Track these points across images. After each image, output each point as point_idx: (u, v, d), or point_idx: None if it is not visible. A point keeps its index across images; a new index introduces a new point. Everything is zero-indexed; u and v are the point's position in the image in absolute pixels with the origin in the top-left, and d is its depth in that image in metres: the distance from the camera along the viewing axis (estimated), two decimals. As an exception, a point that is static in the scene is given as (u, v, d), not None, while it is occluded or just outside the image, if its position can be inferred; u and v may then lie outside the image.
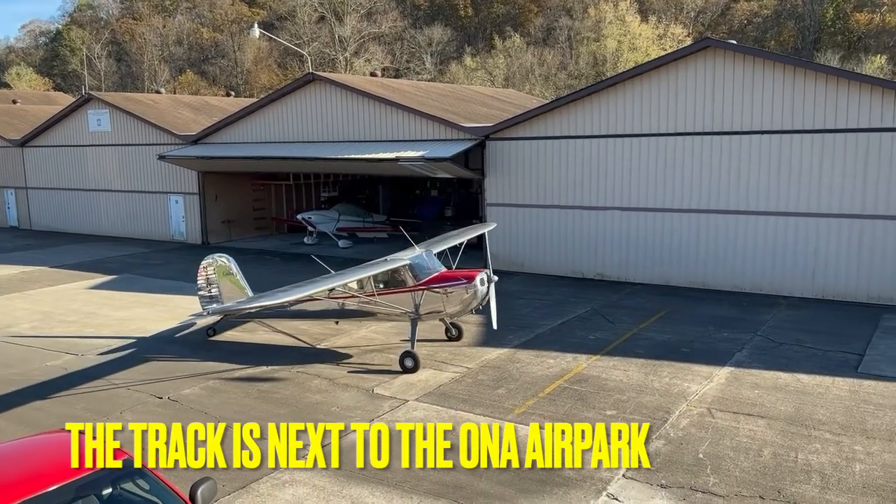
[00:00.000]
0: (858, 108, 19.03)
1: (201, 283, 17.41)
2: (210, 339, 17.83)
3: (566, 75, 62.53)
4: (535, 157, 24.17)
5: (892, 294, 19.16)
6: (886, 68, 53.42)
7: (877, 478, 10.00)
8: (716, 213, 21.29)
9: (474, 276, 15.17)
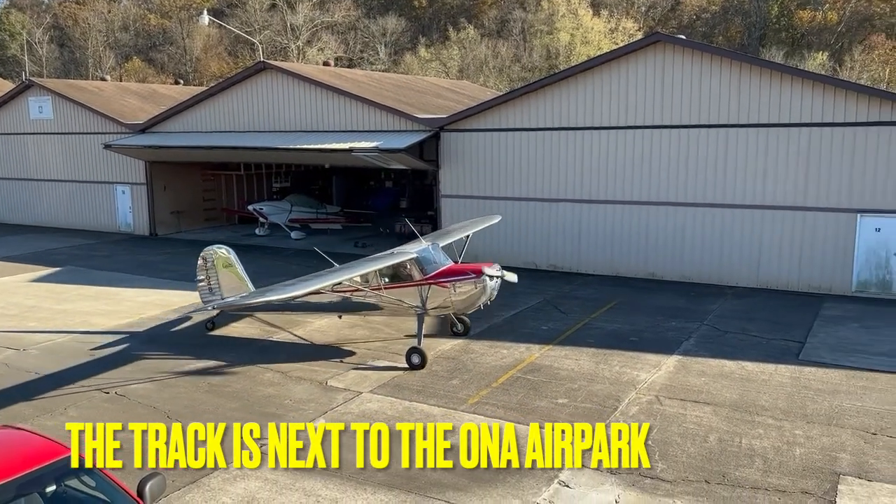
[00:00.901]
0: (801, 104, 19.61)
1: (201, 276, 17.00)
2: (209, 332, 17.36)
3: (520, 68, 62.85)
4: (489, 149, 24.27)
5: (831, 283, 19.85)
6: (828, 65, 55.10)
7: (816, 461, 10.38)
8: (665, 206, 21.72)
9: (482, 270, 14.71)
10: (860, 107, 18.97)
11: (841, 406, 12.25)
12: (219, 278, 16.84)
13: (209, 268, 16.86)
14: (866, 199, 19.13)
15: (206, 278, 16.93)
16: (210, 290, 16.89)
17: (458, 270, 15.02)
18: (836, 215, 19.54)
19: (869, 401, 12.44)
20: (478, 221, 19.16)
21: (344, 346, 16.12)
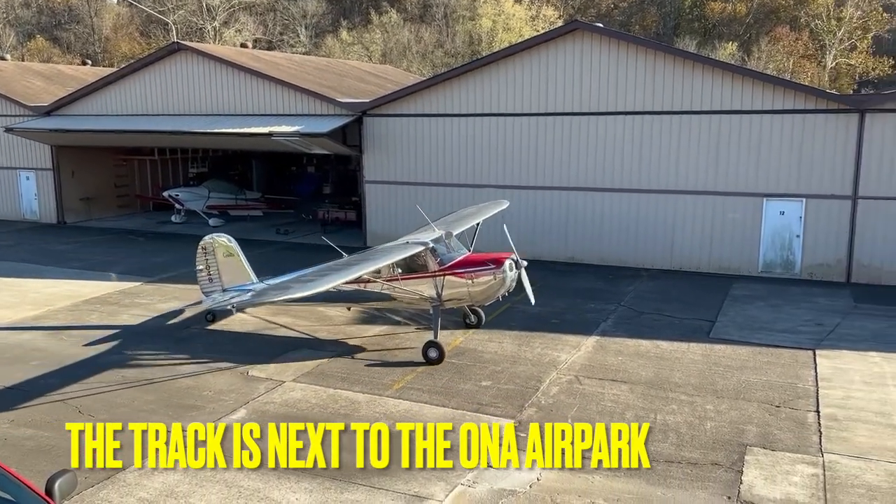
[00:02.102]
0: (712, 92, 20.37)
1: (200, 266, 16.25)
2: (209, 325, 16.62)
3: (443, 53, 62.80)
4: (413, 134, 24.21)
5: (739, 265, 20.80)
6: (737, 55, 57.36)
7: (725, 433, 10.90)
8: (585, 191, 22.21)
9: (503, 261, 14.00)
10: (766, 95, 19.87)
11: (748, 381, 12.89)
12: (219, 267, 16.13)
13: (209, 257, 16.16)
14: (771, 183, 20.09)
15: (205, 267, 16.20)
16: (210, 280, 16.20)
17: (477, 261, 14.27)
18: (743, 199, 20.45)
19: (773, 375, 13.14)
20: (484, 208, 18.13)
21: (267, 334, 15.83)
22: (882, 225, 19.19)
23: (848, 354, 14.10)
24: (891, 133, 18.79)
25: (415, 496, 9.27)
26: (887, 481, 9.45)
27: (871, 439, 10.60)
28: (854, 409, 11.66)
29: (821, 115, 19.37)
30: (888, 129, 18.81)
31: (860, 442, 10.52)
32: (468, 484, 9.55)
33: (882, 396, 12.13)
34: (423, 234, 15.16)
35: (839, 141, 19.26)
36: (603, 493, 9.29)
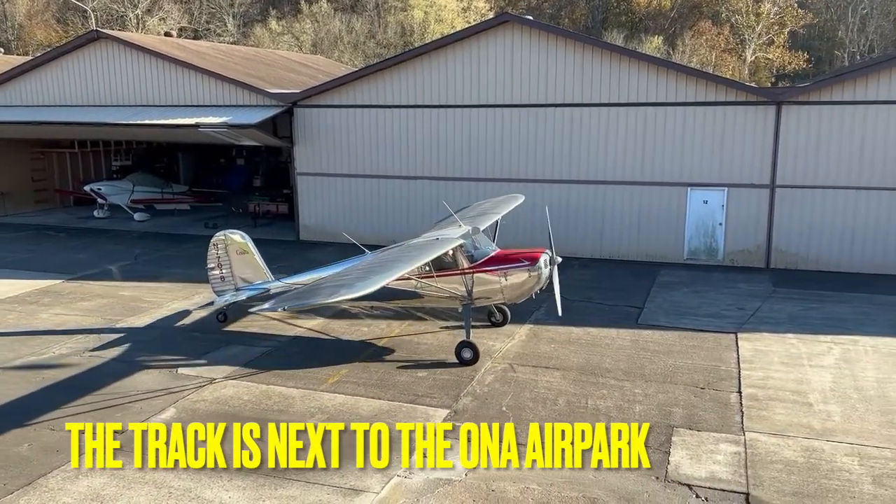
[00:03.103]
0: (638, 84, 20.88)
1: (212, 264, 15.59)
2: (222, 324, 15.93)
3: (375, 44, 62.31)
4: (346, 126, 23.98)
5: (665, 253, 21.44)
6: (662, 48, 58.96)
7: (653, 416, 11.25)
8: (518, 182, 22.43)
9: (538, 257, 13.52)
10: (689, 88, 20.49)
11: (674, 365, 13.32)
12: (231, 266, 15.55)
13: (221, 254, 15.56)
14: (695, 173, 20.77)
15: (217, 266, 15.61)
16: (222, 279, 15.62)
17: (510, 257, 13.77)
18: (669, 189, 21.08)
19: (698, 358, 13.62)
20: (501, 203, 17.46)
21: (198, 333, 15.46)
22: (798, 212, 20.09)
23: (767, 337, 14.74)
24: (805, 124, 19.68)
25: (351, 489, 9.24)
26: (803, 456, 9.94)
27: (788, 417, 11.12)
28: (773, 388, 12.21)
29: (741, 107, 20.12)
30: (802, 121, 19.68)
31: (778, 420, 11.03)
32: (404, 475, 9.57)
33: (798, 376, 12.74)
34: (447, 229, 14.58)
35: (758, 132, 20.05)
36: (537, 478, 9.47)
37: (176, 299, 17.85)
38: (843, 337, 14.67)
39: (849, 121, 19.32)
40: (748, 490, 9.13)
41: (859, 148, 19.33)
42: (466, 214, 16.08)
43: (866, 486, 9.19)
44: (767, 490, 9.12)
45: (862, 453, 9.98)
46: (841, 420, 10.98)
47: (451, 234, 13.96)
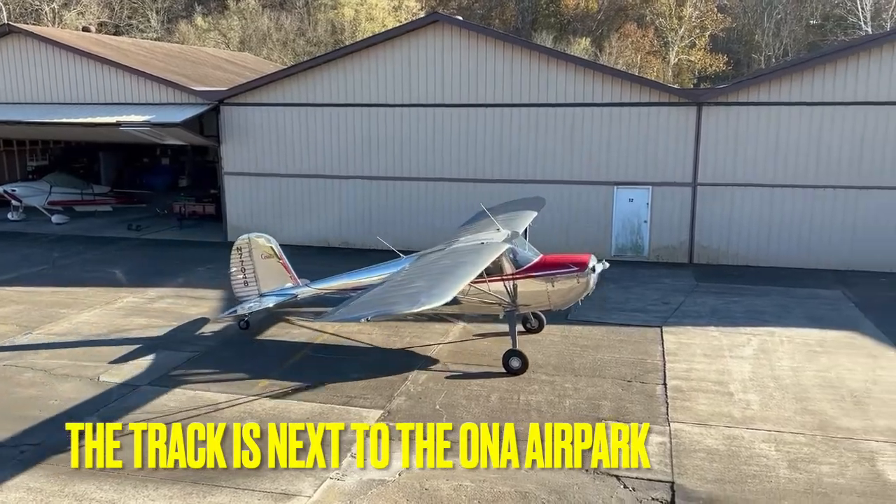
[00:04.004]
0: (566, 85, 21.27)
1: (234, 269, 14.88)
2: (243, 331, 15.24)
3: (305, 42, 61.45)
4: (275, 124, 23.58)
5: (594, 250, 21.73)
6: (590, 50, 60.22)
7: (582, 409, 11.49)
8: (449, 182, 22.56)
9: (587, 262, 13.00)
10: (615, 89, 21.00)
11: (603, 359, 13.64)
12: (255, 270, 14.90)
13: (244, 258, 14.90)
14: (621, 172, 21.30)
15: (240, 270, 14.96)
16: (245, 284, 14.99)
17: (558, 262, 13.28)
18: (596, 188, 21.55)
19: (625, 352, 13.99)
20: (523, 204, 16.94)
21: (119, 336, 14.93)
22: (718, 210, 20.86)
23: (691, 330, 15.25)
24: (724, 124, 20.44)
25: (282, 494, 9.10)
26: (724, 444, 10.34)
27: (710, 407, 11.54)
28: (696, 379, 12.64)
29: (664, 107, 20.75)
30: (721, 121, 20.44)
31: (701, 410, 11.44)
32: (337, 477, 9.49)
33: (720, 367, 13.23)
34: (484, 233, 14.15)
35: (680, 132, 20.72)
36: (469, 475, 9.53)
37: (97, 305, 17.20)
38: (761, 329, 15.31)
39: (764, 121, 20.17)
40: (673, 479, 9.43)
41: (774, 147, 20.21)
42: (505, 217, 15.42)
43: (782, 470, 9.62)
44: (691, 478, 9.45)
45: (778, 439, 10.44)
46: (759, 408, 11.47)
47: (495, 237, 13.56)
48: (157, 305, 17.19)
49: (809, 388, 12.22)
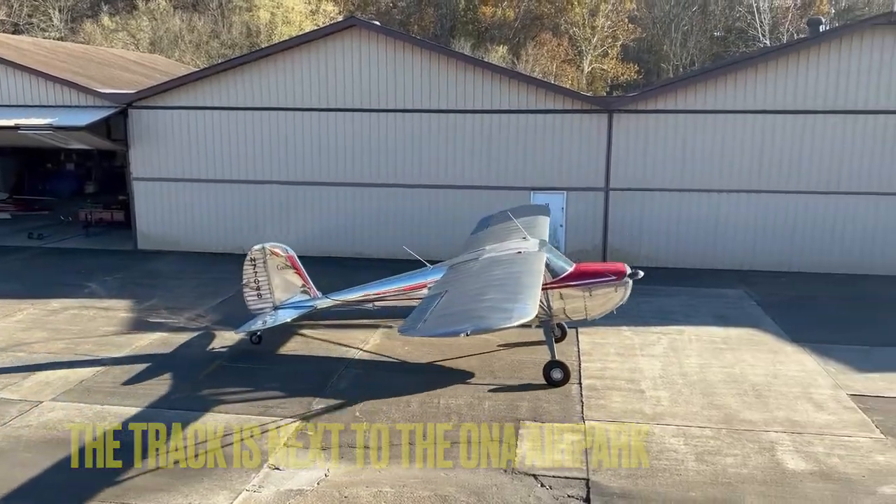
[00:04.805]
0: (483, 92, 21.56)
1: (248, 279, 14.06)
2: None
3: (219, 44, 59.92)
4: (188, 128, 22.90)
5: (513, 253, 22.25)
6: (508, 57, 61.21)
7: (501, 411, 11.65)
8: (368, 187, 22.47)
9: (624, 271, 12.78)
10: (530, 96, 21.43)
11: (521, 360, 13.86)
12: (270, 282, 14.14)
13: (258, 269, 14.12)
14: (537, 177, 21.74)
15: (253, 281, 14.18)
16: (258, 296, 14.21)
17: (595, 271, 13.06)
18: (513, 193, 21.89)
19: (542, 353, 14.19)
20: (532, 211, 16.59)
21: (19, 352, 14.15)
22: (629, 213, 21.57)
23: (604, 330, 15.68)
24: (634, 131, 21.17)
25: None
26: (636, 439, 10.69)
27: (623, 404, 11.91)
28: (610, 378, 13.03)
29: (577, 114, 21.31)
30: (631, 128, 21.17)
31: (615, 407, 11.79)
32: (254, 489, 9.29)
33: (632, 366, 13.68)
34: (511, 241, 13.81)
35: (593, 138, 21.33)
36: (390, 480, 9.51)
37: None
38: (671, 328, 15.92)
39: (672, 128, 21.01)
40: (588, 476, 9.68)
41: (681, 153, 21.08)
42: (531, 224, 15.18)
43: (690, 463, 10.03)
44: (605, 474, 9.72)
45: (687, 433, 10.88)
46: (669, 404, 11.92)
47: (526, 246, 13.32)
48: (60, 317, 16.39)
49: (715, 383, 12.79)
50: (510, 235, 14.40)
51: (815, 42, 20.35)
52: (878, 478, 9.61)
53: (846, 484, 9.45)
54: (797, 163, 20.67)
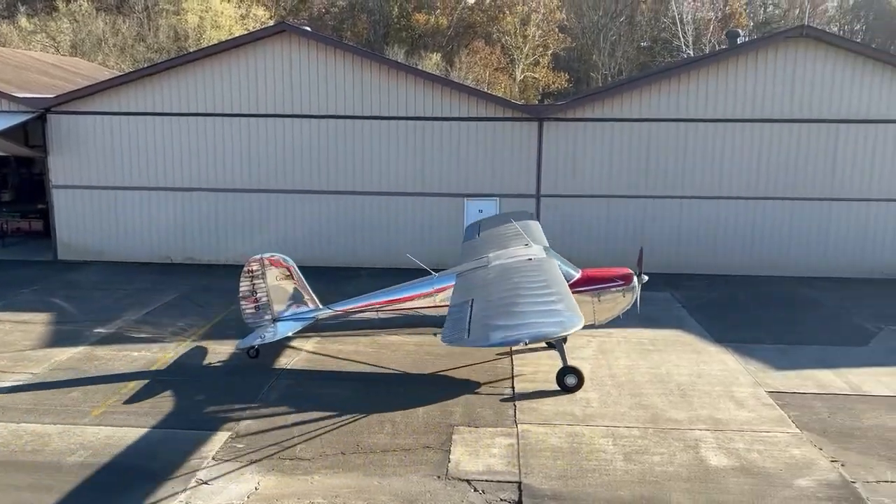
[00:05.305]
0: (415, 99, 21.62)
1: (245, 290, 13.33)
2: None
3: (145, 48, 58.21)
4: (111, 134, 22.17)
5: (447, 260, 22.24)
6: (441, 65, 61.54)
7: (435, 417, 11.67)
8: (301, 194, 22.22)
9: (631, 276, 12.79)
10: (462, 104, 21.62)
11: (456, 365, 13.93)
12: (269, 294, 13.45)
13: (257, 281, 13.43)
14: (470, 184, 21.92)
15: (251, 293, 13.49)
16: (256, 309, 13.52)
17: (602, 277, 12.99)
18: (448, 199, 22.04)
19: (477, 358, 14.33)
20: (520, 217, 16.55)
21: (-74, 370, 13.40)
22: (560, 219, 21.95)
23: (537, 334, 15.90)
24: (563, 138, 21.59)
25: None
26: (567, 441, 10.88)
27: (554, 407, 12.10)
28: (542, 381, 13.21)
29: (508, 122, 21.60)
30: (560, 136, 21.59)
31: (546, 410, 11.97)
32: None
33: (563, 368, 13.90)
34: (513, 248, 13.65)
35: (524, 146, 21.65)
36: (322, 491, 9.41)
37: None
38: (600, 330, 16.20)
39: (599, 135, 21.53)
40: (520, 479, 9.80)
41: (608, 160, 21.61)
42: (532, 232, 15.20)
43: (619, 462, 10.27)
44: (537, 476, 9.86)
45: (615, 434, 11.14)
46: (598, 406, 12.18)
47: (531, 252, 13.26)
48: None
49: (643, 384, 13.14)
50: (510, 242, 14.42)
51: (734, 53, 21.22)
52: (793, 471, 10.05)
53: (765, 478, 9.85)
54: (718, 169, 21.48)
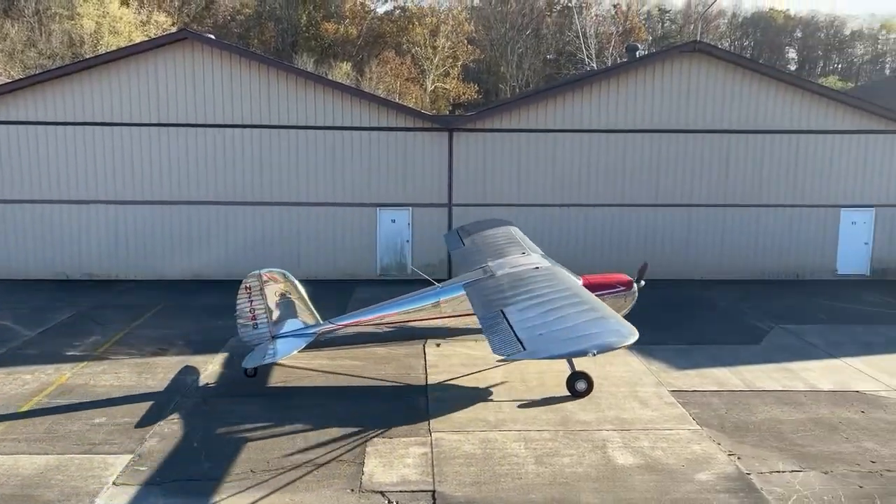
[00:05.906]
0: (325, 108, 21.46)
1: (242, 307, 13.19)
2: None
3: (37, 53, 55.28)
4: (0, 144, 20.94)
5: (360, 270, 22.26)
6: (352, 74, 61.25)
7: (349, 428, 11.51)
8: (207, 205, 21.62)
9: (631, 282, 12.94)
10: (373, 114, 21.61)
11: (369, 377, 13.83)
12: (268, 310, 12.86)
13: (255, 297, 13.17)
14: (382, 194, 21.92)
15: (249, 310, 13.20)
16: (254, 326, 12.92)
17: (604, 283, 13.02)
18: (360, 209, 21.95)
19: (390, 368, 14.32)
20: (488, 223, 16.73)
21: None
22: (472, 228, 22.26)
23: (450, 343, 16.01)
24: (473, 149, 21.92)
25: (10, 563, 8.02)
26: (481, 448, 10.99)
27: (468, 413, 12.21)
28: (455, 389, 13.31)
29: (419, 132, 21.75)
30: (470, 146, 21.91)
31: (460, 417, 12.06)
32: (78, 535, 8.58)
33: (476, 375, 14.06)
34: (512, 256, 13.61)
35: (435, 156, 21.84)
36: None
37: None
38: (512, 337, 16.52)
39: (507, 146, 21.97)
40: (434, 487, 9.82)
41: (517, 169, 22.08)
42: (527, 243, 15.35)
43: (530, 466, 10.45)
44: (450, 484, 9.91)
45: (527, 438, 11.34)
46: (510, 410, 12.37)
47: (533, 261, 13.33)
48: None
49: (552, 387, 13.43)
50: (506, 249, 14.53)
51: (633, 66, 22.13)
52: (694, 466, 10.52)
53: (668, 474, 10.25)
54: (620, 178, 22.30)
